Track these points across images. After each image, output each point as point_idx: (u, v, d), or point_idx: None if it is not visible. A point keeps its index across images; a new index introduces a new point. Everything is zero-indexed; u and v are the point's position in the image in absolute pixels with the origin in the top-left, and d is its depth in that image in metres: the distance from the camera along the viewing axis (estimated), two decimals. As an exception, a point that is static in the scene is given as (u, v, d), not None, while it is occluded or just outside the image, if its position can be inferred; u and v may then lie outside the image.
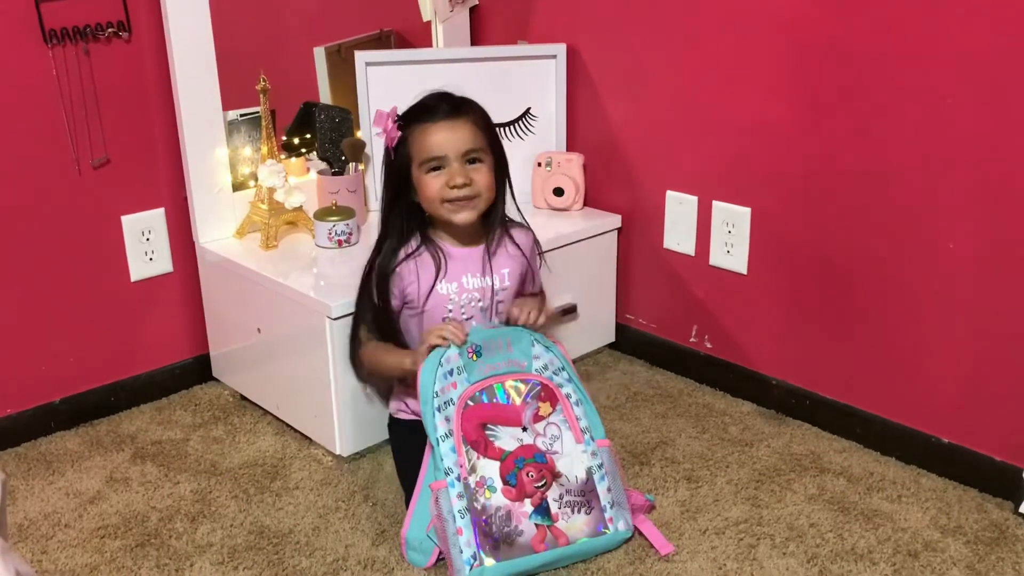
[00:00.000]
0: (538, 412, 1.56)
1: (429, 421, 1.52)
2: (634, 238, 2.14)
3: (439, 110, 1.60)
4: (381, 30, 2.27)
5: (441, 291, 1.66)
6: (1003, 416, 1.65)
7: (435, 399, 1.52)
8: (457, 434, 1.51)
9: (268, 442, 1.90)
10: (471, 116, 1.61)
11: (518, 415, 1.55)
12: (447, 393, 1.53)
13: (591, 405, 1.60)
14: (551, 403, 1.57)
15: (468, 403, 1.53)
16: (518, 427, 1.54)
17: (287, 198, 1.96)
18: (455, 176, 1.59)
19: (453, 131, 1.59)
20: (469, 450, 1.50)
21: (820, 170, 1.79)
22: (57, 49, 1.79)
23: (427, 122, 1.60)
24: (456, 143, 1.59)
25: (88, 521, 1.67)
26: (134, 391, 2.03)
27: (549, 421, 1.56)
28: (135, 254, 1.98)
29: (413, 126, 1.61)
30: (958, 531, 1.59)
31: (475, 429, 1.52)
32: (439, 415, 1.52)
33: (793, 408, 1.93)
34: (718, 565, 1.52)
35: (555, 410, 1.57)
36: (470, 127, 1.60)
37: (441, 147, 1.59)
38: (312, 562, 1.55)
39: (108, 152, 1.90)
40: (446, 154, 1.59)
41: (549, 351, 1.60)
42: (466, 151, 1.60)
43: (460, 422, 1.52)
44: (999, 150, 1.56)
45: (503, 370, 1.57)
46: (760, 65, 1.82)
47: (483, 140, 1.62)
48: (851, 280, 1.79)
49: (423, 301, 1.65)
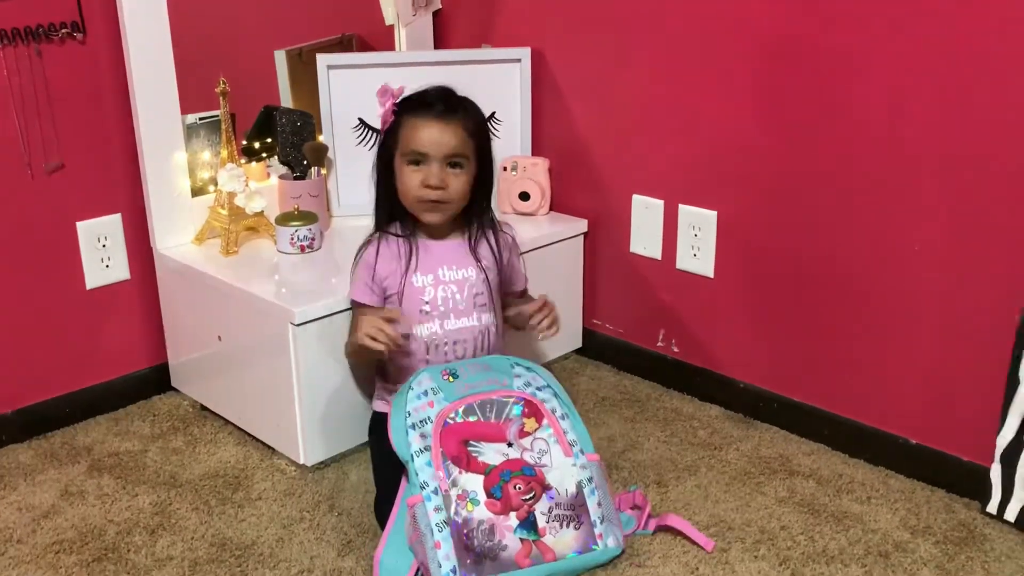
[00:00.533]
0: (523, 428, 1.52)
1: (401, 439, 1.48)
2: (600, 242, 2.13)
3: (435, 107, 1.60)
4: (343, 34, 2.24)
5: (416, 283, 1.64)
6: (970, 417, 1.65)
7: (408, 418, 1.49)
8: (435, 449, 1.47)
9: (229, 452, 1.85)
10: (464, 120, 1.61)
11: (502, 432, 1.51)
12: (422, 412, 1.50)
13: (579, 419, 1.56)
14: (536, 419, 1.53)
15: (447, 421, 1.50)
16: (503, 443, 1.50)
17: (248, 203, 1.93)
18: (431, 177, 1.59)
19: (442, 132, 1.58)
20: (450, 465, 1.46)
21: (786, 173, 1.79)
22: (8, 50, 1.74)
23: (420, 116, 1.59)
24: (441, 144, 1.58)
25: (42, 536, 1.61)
26: (90, 402, 1.98)
27: (536, 436, 1.51)
28: (91, 261, 1.93)
29: (407, 116, 1.61)
30: (927, 531, 1.59)
31: (456, 446, 1.48)
32: (413, 432, 1.48)
33: (761, 411, 1.93)
34: (690, 569, 1.51)
35: (541, 426, 1.53)
36: (460, 131, 1.60)
37: (426, 144, 1.58)
38: (276, 574, 1.51)
39: (62, 156, 1.85)
40: (429, 152, 1.58)
41: (531, 371, 1.59)
42: (449, 154, 1.59)
43: (439, 439, 1.48)
44: (964, 152, 1.56)
45: (483, 388, 1.54)
46: (725, 68, 1.82)
47: (470, 146, 1.61)
48: (818, 282, 1.79)
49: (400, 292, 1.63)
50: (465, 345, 1.66)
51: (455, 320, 1.65)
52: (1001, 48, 1.49)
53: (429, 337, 1.65)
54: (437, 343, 1.65)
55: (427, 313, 1.64)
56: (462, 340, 1.66)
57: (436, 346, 1.65)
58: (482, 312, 1.67)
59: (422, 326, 1.65)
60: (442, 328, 1.65)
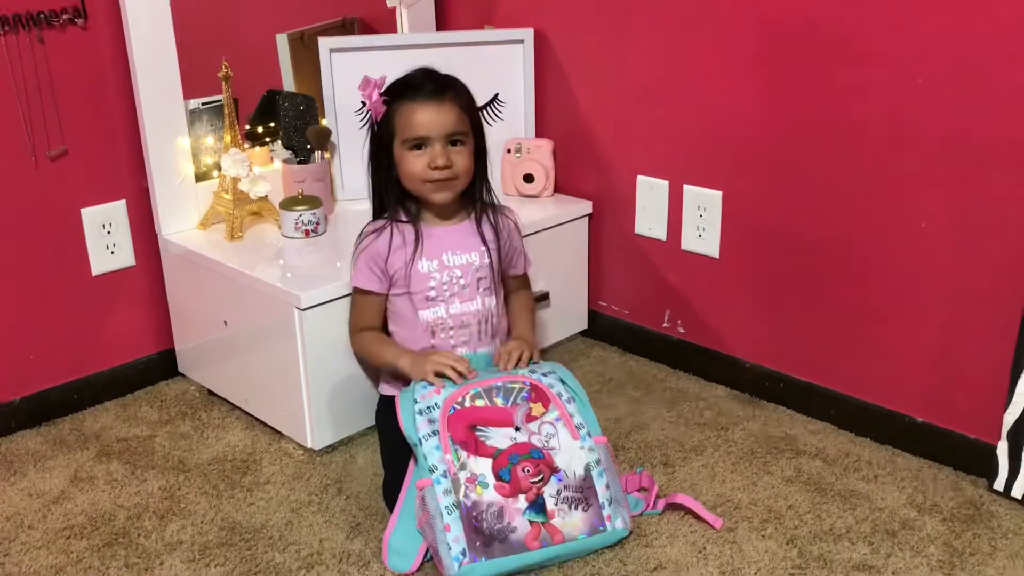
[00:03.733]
0: (530, 413, 1.53)
1: (410, 423, 1.49)
2: (605, 224, 2.13)
3: (425, 89, 1.60)
4: (345, 17, 2.23)
5: (422, 269, 1.64)
6: (976, 394, 1.65)
7: (415, 404, 1.50)
8: (443, 433, 1.48)
9: (237, 437, 1.86)
10: (456, 98, 1.61)
11: (509, 416, 1.51)
12: (429, 399, 1.51)
13: (585, 403, 1.57)
14: (543, 403, 1.54)
15: (455, 407, 1.51)
16: (510, 427, 1.51)
17: (252, 188, 1.92)
18: (437, 158, 1.59)
19: (439, 112, 1.59)
20: (458, 449, 1.47)
21: (791, 152, 1.78)
22: (10, 37, 1.74)
23: (413, 100, 1.60)
24: (440, 124, 1.59)
25: (53, 522, 1.62)
26: (97, 388, 1.98)
27: (543, 420, 1.52)
28: (96, 247, 1.93)
29: (398, 102, 1.61)
30: (934, 509, 1.59)
31: (464, 430, 1.49)
32: (421, 417, 1.49)
33: (767, 391, 1.93)
34: (698, 549, 1.51)
35: (548, 410, 1.54)
36: (455, 109, 1.60)
37: (425, 127, 1.59)
38: (286, 557, 1.52)
39: (66, 143, 1.85)
40: (430, 135, 1.59)
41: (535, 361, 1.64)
42: (449, 133, 1.60)
43: (446, 423, 1.49)
44: (969, 130, 1.56)
45: (490, 375, 1.56)
46: (730, 48, 1.81)
47: (466, 122, 1.62)
48: (823, 262, 1.79)
49: (407, 278, 1.64)
50: (469, 329, 1.67)
51: (460, 304, 1.66)
52: (1012, 32, 1.48)
53: (435, 321, 1.65)
54: (443, 326, 1.66)
55: (432, 298, 1.65)
56: (466, 324, 1.66)
57: (442, 329, 1.66)
58: (486, 295, 1.67)
59: (427, 310, 1.65)
60: (447, 312, 1.65)
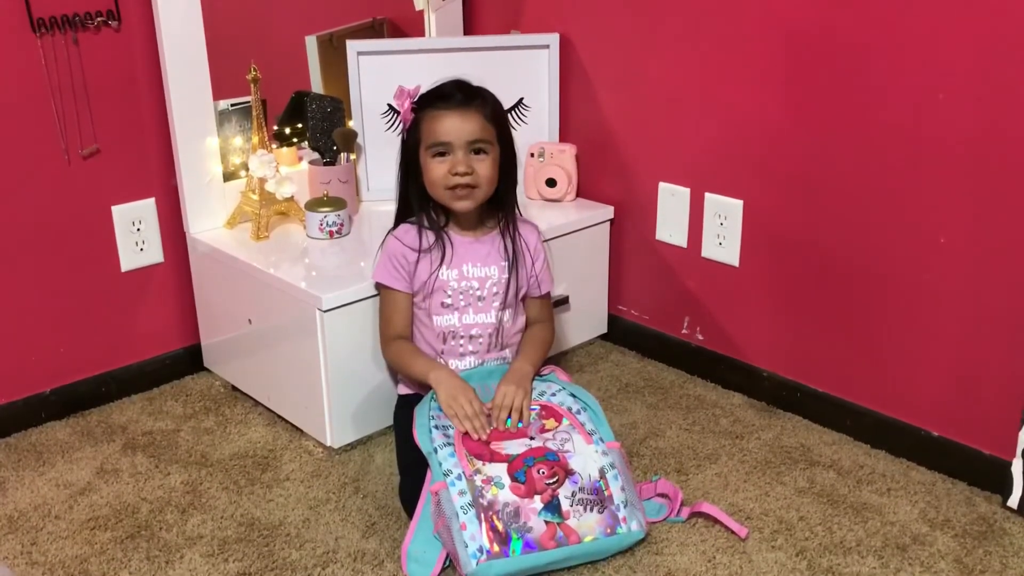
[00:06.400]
0: (543, 427, 1.57)
1: (424, 435, 1.52)
2: (626, 229, 2.14)
3: (452, 97, 1.63)
4: (374, 19, 2.26)
5: (442, 276, 1.67)
6: (992, 410, 1.65)
7: (431, 420, 1.55)
8: (458, 445, 1.52)
9: (259, 433, 1.89)
10: (482, 107, 1.64)
11: (523, 432, 1.56)
12: (444, 419, 1.56)
13: (597, 412, 1.60)
14: (555, 419, 1.58)
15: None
16: (525, 438, 1.55)
17: (278, 188, 1.95)
18: (458, 164, 1.61)
19: (463, 120, 1.61)
20: (473, 458, 1.50)
21: (813, 163, 1.78)
22: (46, 38, 1.78)
23: (439, 108, 1.63)
24: (463, 132, 1.61)
25: (78, 512, 1.66)
26: (125, 381, 2.03)
27: (557, 431, 1.56)
28: (126, 244, 1.97)
29: (426, 110, 1.64)
30: (947, 525, 1.59)
31: (478, 445, 1.53)
32: (436, 431, 1.53)
33: (784, 400, 1.94)
34: (707, 558, 1.52)
35: (561, 424, 1.57)
36: (479, 118, 1.63)
37: (448, 134, 1.61)
38: (302, 554, 1.55)
39: (98, 142, 1.89)
40: (452, 141, 1.62)
41: (544, 381, 1.66)
42: (472, 140, 1.62)
43: (461, 437, 1.53)
44: (990, 144, 1.55)
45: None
46: (753, 57, 1.81)
47: (491, 132, 1.64)
48: (843, 273, 1.79)
49: (431, 284, 1.67)
50: (480, 339, 1.70)
51: (473, 315, 1.69)
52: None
53: (447, 328, 1.69)
54: (454, 334, 1.69)
55: (448, 305, 1.68)
56: (477, 334, 1.69)
57: (452, 337, 1.69)
58: (500, 309, 1.70)
59: (441, 317, 1.69)
60: (460, 321, 1.69)
